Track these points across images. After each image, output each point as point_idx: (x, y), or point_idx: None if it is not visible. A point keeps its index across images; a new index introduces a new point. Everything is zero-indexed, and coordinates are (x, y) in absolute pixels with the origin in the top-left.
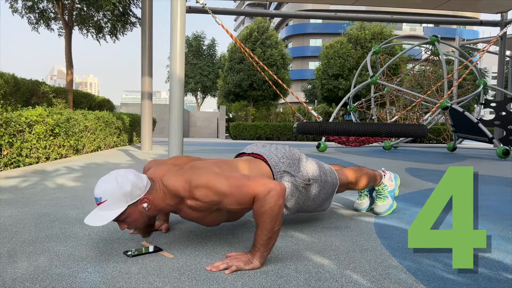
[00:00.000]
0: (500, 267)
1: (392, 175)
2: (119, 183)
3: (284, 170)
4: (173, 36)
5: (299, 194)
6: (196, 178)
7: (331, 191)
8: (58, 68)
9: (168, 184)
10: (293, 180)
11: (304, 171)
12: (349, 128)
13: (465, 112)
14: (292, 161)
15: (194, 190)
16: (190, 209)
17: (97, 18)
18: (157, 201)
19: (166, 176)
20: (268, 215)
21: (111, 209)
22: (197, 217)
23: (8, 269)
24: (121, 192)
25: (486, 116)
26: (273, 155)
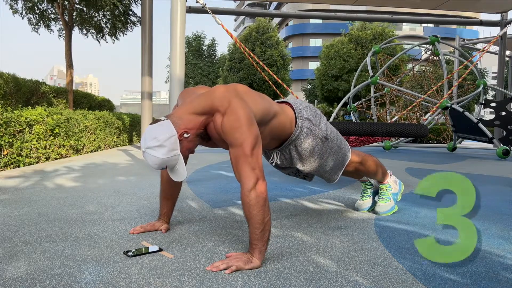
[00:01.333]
0: (500, 267)
1: (397, 180)
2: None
3: (306, 117)
4: (173, 36)
5: (316, 145)
6: (237, 107)
7: (342, 161)
8: (58, 68)
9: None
10: (314, 129)
11: (324, 127)
12: (349, 128)
13: (465, 112)
14: (314, 114)
15: (228, 112)
16: (213, 126)
17: (97, 19)
18: (189, 124)
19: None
20: (254, 208)
21: (175, 164)
22: (216, 137)
23: (8, 269)
24: (165, 156)
25: (486, 116)
26: (298, 103)
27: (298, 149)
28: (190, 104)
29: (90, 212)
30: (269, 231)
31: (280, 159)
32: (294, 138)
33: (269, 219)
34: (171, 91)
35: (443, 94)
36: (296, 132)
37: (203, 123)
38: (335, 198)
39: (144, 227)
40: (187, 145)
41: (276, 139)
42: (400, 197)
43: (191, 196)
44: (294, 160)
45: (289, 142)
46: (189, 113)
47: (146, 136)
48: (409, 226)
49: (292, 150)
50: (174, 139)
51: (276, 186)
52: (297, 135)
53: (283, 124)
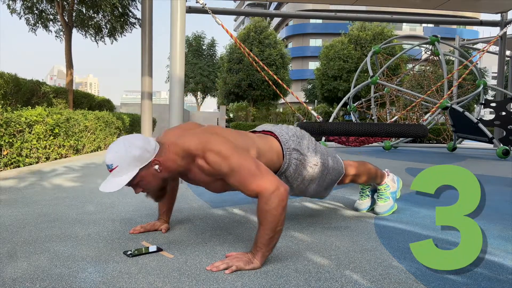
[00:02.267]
0: (500, 267)
1: (395, 177)
2: (127, 148)
3: (293, 148)
4: (173, 36)
5: (306, 173)
6: (212, 143)
7: (335, 178)
8: (58, 68)
9: (183, 142)
10: (302, 158)
11: (313, 153)
12: (349, 128)
13: (465, 112)
14: (301, 141)
15: (207, 153)
16: (199, 170)
17: (97, 20)
18: (168, 162)
19: (181, 136)
20: (271, 214)
21: (123, 174)
22: (204, 181)
23: (8, 269)
24: (130, 157)
25: (486, 116)
26: (284, 133)
27: (289, 180)
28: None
29: (90, 212)
30: (277, 240)
31: None
32: (283, 170)
33: (281, 229)
34: (171, 91)
35: (443, 94)
36: (284, 165)
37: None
38: (335, 198)
39: (144, 227)
40: (148, 176)
41: None
42: (399, 194)
43: (191, 196)
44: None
45: (278, 174)
46: (172, 153)
47: (137, 135)
48: (409, 226)
49: (282, 179)
50: (148, 156)
51: None
52: (286, 168)
53: (270, 160)
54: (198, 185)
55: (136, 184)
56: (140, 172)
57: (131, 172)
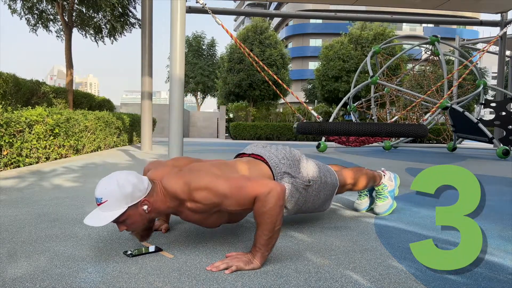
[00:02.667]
0: (500, 267)
1: (392, 175)
2: (120, 184)
3: (284, 171)
4: (173, 36)
5: (299, 195)
6: (196, 181)
7: (331, 192)
8: (58, 68)
9: (167, 187)
10: (293, 181)
11: (304, 172)
12: (349, 128)
13: (465, 112)
14: (292, 162)
15: (193, 193)
16: (190, 211)
17: (97, 19)
18: (157, 203)
19: (166, 178)
20: (269, 215)
21: (111, 210)
22: (197, 219)
23: (8, 269)
24: (121, 193)
25: (486, 116)
26: (274, 156)
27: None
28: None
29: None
30: (276, 239)
31: None
32: None
33: (279, 228)
34: (171, 91)
35: (443, 94)
36: None
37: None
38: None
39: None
40: (135, 216)
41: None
42: (397, 191)
43: None
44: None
45: None
46: (162, 196)
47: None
48: (409, 226)
49: None
50: (139, 195)
51: None
52: None
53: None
54: (193, 223)
55: (121, 222)
56: (128, 211)
57: (119, 209)
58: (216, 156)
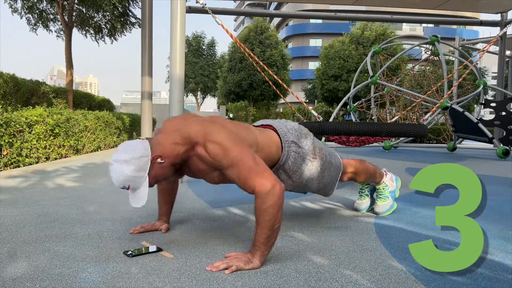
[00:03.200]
0: (500, 267)
1: (393, 177)
2: (123, 169)
3: (292, 140)
4: (173, 36)
5: (305, 167)
6: (216, 133)
7: (335, 175)
8: (58, 68)
9: (186, 129)
10: (300, 151)
11: (311, 146)
12: (349, 128)
13: (465, 112)
14: (300, 134)
15: (209, 142)
16: (198, 159)
17: (97, 19)
18: (167, 151)
19: (186, 123)
20: (268, 213)
21: (139, 186)
22: (202, 170)
23: (8, 269)
24: (131, 174)
25: (486, 116)
26: (283, 126)
27: (288, 172)
28: (171, 133)
29: (90, 212)
30: (275, 238)
31: None
32: (282, 163)
33: (278, 227)
34: (171, 91)
35: (443, 94)
36: (283, 158)
37: (182, 155)
38: (335, 198)
39: (144, 227)
40: (158, 171)
41: None
42: (398, 193)
43: (191, 196)
44: (284, 182)
45: (277, 167)
46: (170, 141)
47: (119, 149)
48: (409, 226)
49: (281, 173)
50: (146, 160)
51: None
52: (284, 160)
53: (269, 152)
54: (196, 176)
55: (155, 182)
56: (150, 175)
57: (143, 182)
58: None
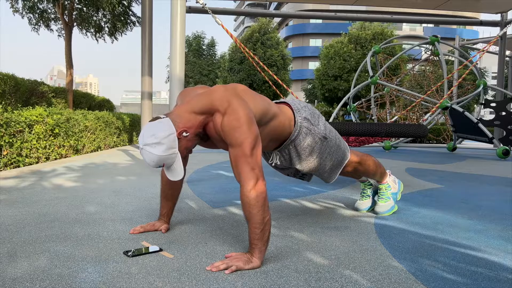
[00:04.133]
0: (500, 267)
1: (396, 179)
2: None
3: (304, 117)
4: (173, 36)
5: (315, 144)
6: (237, 108)
7: (341, 160)
8: (58, 68)
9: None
10: (312, 128)
11: (322, 127)
12: (349, 128)
13: (465, 112)
14: (313, 114)
15: (228, 114)
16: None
17: (97, 18)
18: (189, 123)
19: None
20: (255, 206)
21: (173, 162)
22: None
23: (8, 269)
24: (163, 154)
25: (486, 116)
26: (296, 103)
27: (298, 149)
28: (189, 103)
29: (90, 212)
30: (269, 231)
31: (280, 159)
32: (293, 138)
33: (269, 219)
34: (171, 91)
35: (443, 94)
36: (295, 132)
37: (202, 123)
38: (335, 198)
39: (144, 227)
40: (185, 144)
41: (275, 140)
42: (399, 196)
43: (191, 196)
44: (293, 160)
45: (288, 142)
46: (189, 112)
47: (144, 133)
48: (409, 226)
49: (291, 150)
50: (173, 137)
51: (276, 186)
52: (296, 135)
53: (282, 124)
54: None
55: (187, 153)
56: (179, 149)
57: (175, 157)
58: (216, 156)
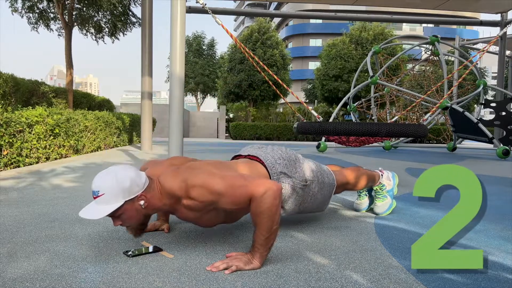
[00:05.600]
0: (500, 267)
1: (390, 174)
2: (118, 178)
3: (280, 171)
4: (173, 36)
5: (297, 195)
6: (192, 178)
7: (329, 192)
8: (58, 68)
9: (164, 184)
10: (290, 181)
11: (301, 172)
12: (349, 128)
13: (465, 112)
14: (288, 162)
15: (190, 190)
16: (187, 209)
17: (97, 18)
18: (154, 199)
19: (163, 176)
20: (266, 215)
21: (108, 204)
22: (193, 217)
23: (8, 269)
24: (119, 187)
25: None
26: (270, 156)
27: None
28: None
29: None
30: (274, 240)
31: None
32: None
33: (277, 228)
34: (171, 91)
35: (443, 94)
36: None
37: (165, 207)
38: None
39: None
40: (131, 212)
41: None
42: (396, 190)
43: None
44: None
45: None
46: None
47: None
48: (409, 226)
49: None
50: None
51: None
52: None
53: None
54: (188, 221)
55: (117, 216)
56: (124, 205)
57: (116, 203)
58: (216, 156)
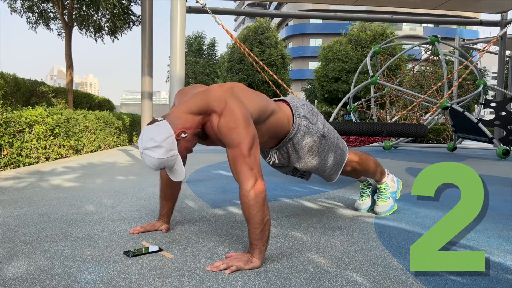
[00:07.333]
0: (500, 267)
1: (395, 178)
2: (155, 156)
3: (303, 115)
4: (173, 36)
5: (313, 143)
6: (234, 108)
7: (340, 160)
8: (58, 68)
9: (205, 97)
10: (310, 126)
11: (321, 125)
12: (349, 128)
13: (465, 112)
14: (311, 112)
15: (224, 114)
16: (210, 125)
17: (97, 18)
18: (187, 123)
19: (202, 91)
20: (255, 207)
21: (174, 164)
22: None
23: (8, 269)
24: (163, 157)
25: (486, 116)
26: (295, 101)
27: (296, 147)
28: (186, 103)
29: (90, 212)
30: (268, 231)
31: (278, 157)
32: (291, 136)
33: (268, 219)
34: (171, 91)
35: (443, 94)
36: (293, 130)
37: (200, 123)
38: (335, 198)
39: (144, 227)
40: (185, 144)
41: (274, 137)
42: (399, 195)
43: (191, 196)
44: (291, 159)
45: (286, 140)
46: (186, 112)
47: (143, 137)
48: (409, 226)
49: (289, 148)
50: (172, 139)
51: (276, 186)
52: (294, 133)
53: (281, 122)
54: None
55: (187, 153)
56: (179, 150)
57: (175, 159)
58: (216, 156)
